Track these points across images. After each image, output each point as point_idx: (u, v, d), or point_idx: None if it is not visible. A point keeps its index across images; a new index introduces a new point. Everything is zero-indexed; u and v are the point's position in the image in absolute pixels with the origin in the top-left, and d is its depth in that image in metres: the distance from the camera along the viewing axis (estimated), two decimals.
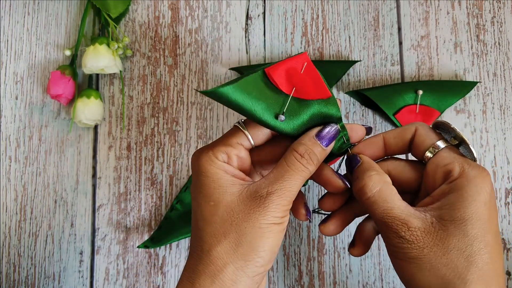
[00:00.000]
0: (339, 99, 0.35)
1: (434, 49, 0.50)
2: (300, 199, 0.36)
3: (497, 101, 0.49)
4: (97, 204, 0.49)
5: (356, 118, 0.49)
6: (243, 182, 0.32)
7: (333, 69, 0.49)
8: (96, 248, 0.48)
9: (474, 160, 0.32)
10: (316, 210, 0.38)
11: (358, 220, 0.38)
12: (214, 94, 0.30)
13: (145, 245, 0.46)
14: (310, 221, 0.38)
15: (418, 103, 0.47)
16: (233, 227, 0.30)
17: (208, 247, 0.31)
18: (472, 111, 0.49)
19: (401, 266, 0.31)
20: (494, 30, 0.51)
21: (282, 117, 0.32)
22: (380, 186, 0.32)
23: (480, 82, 0.50)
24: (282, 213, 0.31)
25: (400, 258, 0.31)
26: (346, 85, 0.50)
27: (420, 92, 0.47)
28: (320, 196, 0.48)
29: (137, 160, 0.49)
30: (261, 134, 0.34)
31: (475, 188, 0.30)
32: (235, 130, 0.34)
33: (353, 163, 0.35)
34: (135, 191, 0.49)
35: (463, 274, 0.29)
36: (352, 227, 0.48)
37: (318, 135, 0.33)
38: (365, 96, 0.49)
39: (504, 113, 0.49)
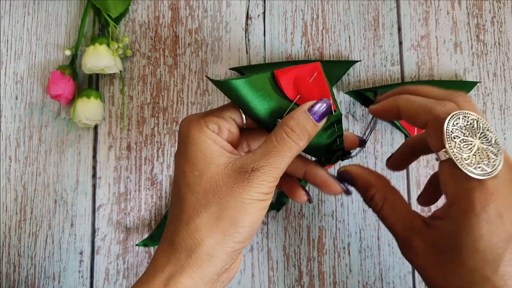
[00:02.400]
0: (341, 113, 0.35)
1: (434, 49, 0.50)
2: (295, 182, 0.36)
3: (497, 101, 0.49)
4: (97, 204, 0.49)
5: (356, 118, 0.49)
6: (231, 155, 0.31)
7: (333, 69, 0.49)
8: (96, 248, 0.48)
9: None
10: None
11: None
12: (225, 85, 0.30)
13: (144, 243, 0.46)
14: (311, 201, 0.37)
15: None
16: (215, 199, 0.29)
17: (187, 218, 0.30)
18: None
19: (419, 271, 0.31)
20: (494, 30, 0.51)
21: (279, 121, 0.32)
22: (381, 203, 0.32)
23: (480, 82, 0.50)
24: (267, 189, 0.30)
25: (412, 263, 0.32)
26: (346, 85, 0.50)
27: None
28: (320, 196, 0.48)
29: (137, 160, 0.49)
30: None
31: (473, 222, 0.27)
32: (230, 105, 0.33)
33: (349, 180, 0.35)
34: (135, 191, 0.49)
35: None
36: (352, 227, 0.48)
37: (310, 110, 0.31)
38: (365, 96, 0.49)
39: (504, 113, 0.49)
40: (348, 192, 0.35)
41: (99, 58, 0.47)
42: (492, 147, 0.28)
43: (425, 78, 0.50)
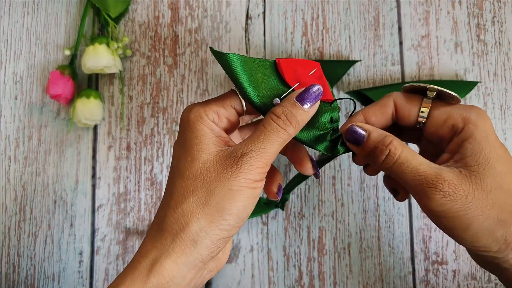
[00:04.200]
0: (340, 107, 0.35)
1: (434, 49, 0.50)
2: (276, 177, 0.36)
3: (497, 101, 0.49)
4: (96, 205, 0.49)
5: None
6: (225, 145, 0.32)
7: (333, 69, 0.49)
8: (95, 248, 0.48)
9: (459, 100, 0.33)
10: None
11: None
12: (222, 58, 0.31)
13: None
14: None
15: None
16: (203, 185, 0.30)
17: (174, 204, 0.30)
18: None
19: (453, 224, 0.30)
20: (494, 30, 0.50)
21: (277, 100, 0.32)
22: (400, 147, 0.32)
23: (480, 82, 0.49)
24: (256, 176, 0.30)
25: (449, 216, 0.30)
26: (346, 85, 0.50)
27: None
28: (320, 196, 0.48)
29: (137, 160, 0.49)
30: None
31: (482, 128, 0.31)
32: (230, 93, 0.34)
33: (358, 137, 0.33)
34: (134, 191, 0.49)
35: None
36: (352, 227, 0.48)
37: (298, 96, 0.32)
38: (366, 96, 0.49)
39: (504, 113, 0.49)
40: (317, 175, 0.37)
41: (99, 58, 0.47)
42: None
43: (425, 78, 0.50)
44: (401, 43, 0.51)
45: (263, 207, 0.47)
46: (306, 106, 0.31)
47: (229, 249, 0.35)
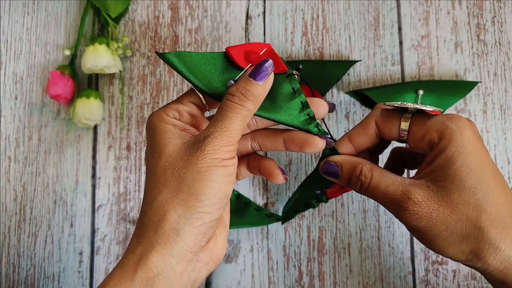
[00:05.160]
0: (297, 75, 0.35)
1: (434, 49, 0.50)
2: (270, 163, 0.37)
3: (497, 101, 0.49)
4: (96, 204, 0.49)
5: (356, 118, 0.49)
6: (192, 137, 0.32)
7: (333, 69, 0.49)
8: (95, 248, 0.48)
9: (439, 112, 0.34)
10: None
11: None
12: (164, 58, 0.32)
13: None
14: (287, 179, 0.38)
15: (419, 103, 0.47)
16: (174, 175, 0.30)
17: (150, 198, 0.31)
18: (473, 111, 0.49)
19: (422, 237, 0.32)
20: (494, 30, 0.50)
21: (231, 81, 0.33)
22: (369, 174, 0.34)
23: (480, 82, 0.49)
24: (223, 154, 0.30)
25: (417, 230, 0.32)
26: (346, 85, 0.50)
27: (421, 92, 0.47)
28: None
29: (137, 160, 0.49)
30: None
31: (456, 143, 0.31)
32: (189, 91, 0.35)
33: (333, 170, 0.36)
34: (134, 191, 0.49)
35: (477, 223, 0.30)
36: (352, 227, 0.48)
37: (251, 73, 0.32)
38: (365, 96, 0.49)
39: (504, 113, 0.49)
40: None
41: (99, 58, 0.47)
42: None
43: (425, 78, 0.50)
44: (401, 43, 0.51)
45: (264, 218, 0.47)
46: (260, 81, 0.32)
47: (225, 241, 0.34)
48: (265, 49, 0.35)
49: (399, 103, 0.34)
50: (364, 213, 0.48)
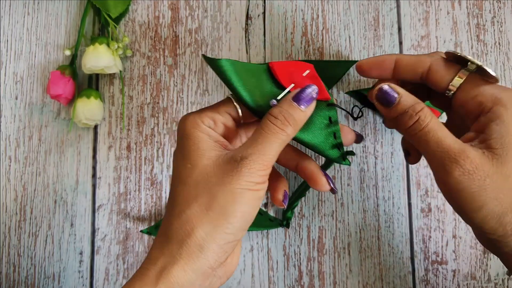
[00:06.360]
0: (337, 101, 0.35)
1: (434, 49, 0.50)
2: (281, 184, 0.36)
3: None
4: (97, 204, 0.49)
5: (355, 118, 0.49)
6: (224, 149, 0.32)
7: (333, 69, 0.49)
8: (96, 248, 0.48)
9: (496, 80, 0.33)
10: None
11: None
12: (214, 64, 0.31)
13: (148, 231, 0.46)
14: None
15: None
16: (206, 190, 0.30)
17: (178, 211, 0.30)
18: None
19: (465, 202, 0.30)
20: (494, 30, 0.51)
21: (274, 101, 0.32)
22: (430, 116, 0.32)
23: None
24: (257, 178, 0.30)
25: (463, 194, 0.30)
26: (346, 85, 0.50)
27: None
28: (320, 196, 0.48)
29: (137, 160, 0.49)
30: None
31: None
32: (226, 100, 0.34)
33: (390, 98, 0.33)
34: (135, 191, 0.49)
35: None
36: (352, 227, 0.48)
37: (295, 97, 0.32)
38: (365, 96, 0.49)
39: None
40: (334, 191, 0.36)
41: (99, 58, 0.47)
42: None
43: None
44: (401, 43, 0.51)
45: (268, 223, 0.47)
46: (303, 106, 0.31)
47: (238, 256, 0.34)
48: (308, 71, 0.34)
49: (463, 54, 0.33)
50: (364, 213, 0.48)
